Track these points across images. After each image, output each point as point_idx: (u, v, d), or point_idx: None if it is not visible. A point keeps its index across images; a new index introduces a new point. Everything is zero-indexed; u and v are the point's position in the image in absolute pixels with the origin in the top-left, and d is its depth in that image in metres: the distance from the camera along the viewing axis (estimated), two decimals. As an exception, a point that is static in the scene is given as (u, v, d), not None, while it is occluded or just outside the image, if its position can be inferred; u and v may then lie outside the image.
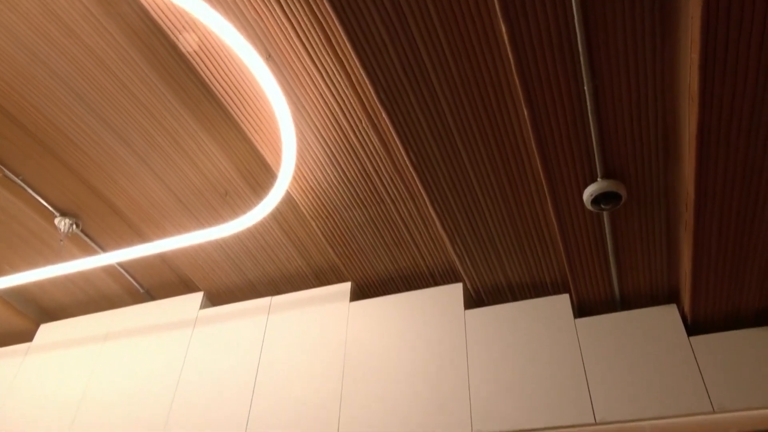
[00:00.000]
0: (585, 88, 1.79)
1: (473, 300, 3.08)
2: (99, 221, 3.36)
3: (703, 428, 2.33)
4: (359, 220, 2.90)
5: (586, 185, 2.11)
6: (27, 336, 4.14)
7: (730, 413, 2.20)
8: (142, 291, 3.81)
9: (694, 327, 2.46)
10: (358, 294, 3.29)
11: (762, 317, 2.38)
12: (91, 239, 3.46)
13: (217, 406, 3.01)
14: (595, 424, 2.33)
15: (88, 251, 3.53)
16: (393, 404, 2.68)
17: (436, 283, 3.21)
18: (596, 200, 2.11)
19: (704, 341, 2.38)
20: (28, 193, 3.19)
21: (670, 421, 2.27)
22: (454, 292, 2.96)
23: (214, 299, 3.67)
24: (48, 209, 3.28)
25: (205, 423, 2.97)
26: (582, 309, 2.73)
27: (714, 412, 2.20)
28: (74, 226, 3.33)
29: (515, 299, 3.04)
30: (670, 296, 2.58)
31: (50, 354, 3.75)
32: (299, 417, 2.81)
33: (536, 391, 2.48)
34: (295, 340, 3.10)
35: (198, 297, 3.58)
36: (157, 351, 3.40)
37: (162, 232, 3.30)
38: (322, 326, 3.09)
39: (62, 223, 3.30)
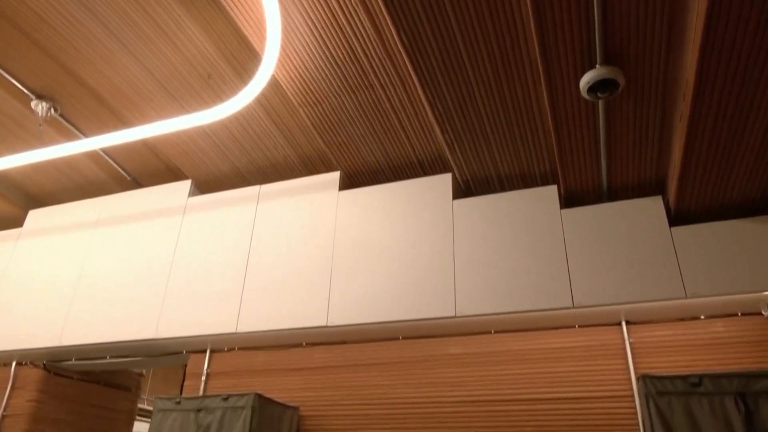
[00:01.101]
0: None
1: (461, 190, 3.09)
2: (78, 106, 3.24)
3: (675, 313, 2.46)
4: (348, 106, 2.81)
5: (584, 71, 2.03)
6: (16, 222, 4.15)
7: (701, 298, 2.31)
8: (129, 178, 3.78)
9: (677, 218, 2.51)
10: (347, 183, 3.29)
11: (743, 209, 2.42)
12: (72, 124, 3.36)
13: (211, 288, 3.11)
14: (573, 308, 2.45)
15: (69, 136, 3.44)
16: (381, 289, 2.78)
17: (425, 173, 3.20)
18: (593, 88, 2.04)
19: (685, 232, 2.44)
20: (1, 74, 3.03)
21: (643, 305, 2.39)
22: (443, 182, 2.96)
23: (202, 187, 3.66)
24: (23, 92, 3.14)
25: (200, 303, 3.09)
26: (569, 200, 2.76)
27: (686, 297, 2.30)
28: (52, 110, 3.21)
29: (503, 190, 3.05)
30: (657, 188, 2.60)
31: (42, 239, 3.78)
32: (290, 299, 2.92)
33: (519, 278, 2.58)
34: (284, 228, 3.14)
35: (186, 185, 3.56)
36: (148, 237, 3.44)
37: (144, 117, 3.20)
38: (311, 214, 3.12)
39: (39, 107, 3.18)
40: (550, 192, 2.74)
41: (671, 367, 2.42)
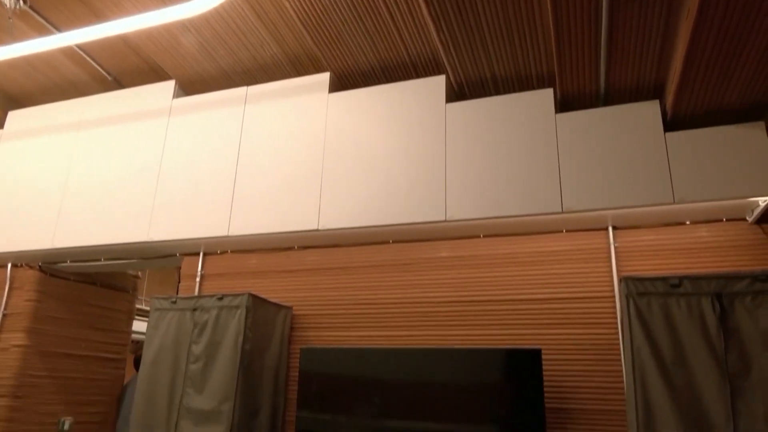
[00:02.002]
0: None
1: (455, 93, 3.01)
2: (49, -3, 3.02)
3: (661, 218, 2.50)
4: (338, 1, 2.65)
5: (589, -37, 1.89)
6: (-3, 123, 4.03)
7: (688, 204, 2.33)
8: (110, 78, 3.63)
9: (672, 123, 2.47)
10: (337, 85, 3.18)
11: (740, 115, 2.38)
12: (43, 17, 3.16)
13: (201, 192, 3.10)
14: (562, 213, 2.47)
15: (41, 31, 3.25)
16: (372, 193, 2.77)
17: (417, 75, 3.09)
18: (598, -18, 1.92)
19: (680, 137, 2.41)
20: (-41, -41, 2.80)
21: (631, 210, 2.41)
22: (436, 84, 2.86)
23: (187, 88, 3.53)
24: (-13, -20, 2.92)
25: (191, 206, 3.08)
26: (564, 104, 2.69)
27: (674, 203, 2.32)
28: (21, 2, 3.00)
29: (498, 93, 2.97)
30: (655, 92, 2.53)
31: (24, 142, 3.70)
32: (280, 203, 2.92)
33: (510, 183, 2.57)
34: (273, 131, 3.07)
35: (170, 86, 3.43)
36: (134, 139, 3.37)
37: (121, 11, 3.01)
38: (300, 117, 3.04)
39: (7, -2, 2.97)
40: (546, 95, 2.67)
41: (653, 270, 2.49)
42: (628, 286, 2.08)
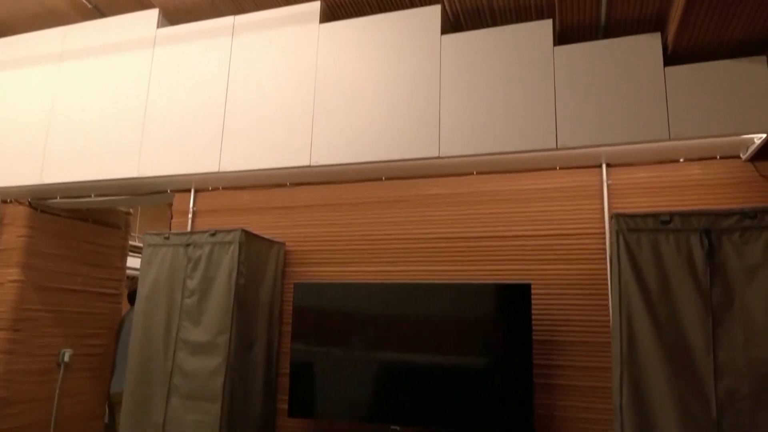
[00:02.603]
0: None
1: (450, 24, 2.90)
2: None
3: (655, 155, 2.48)
4: None
5: None
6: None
7: (683, 141, 2.31)
8: (90, 6, 3.46)
9: (673, 57, 2.40)
10: (328, 15, 3.05)
11: (742, 49, 2.32)
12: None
13: (190, 126, 3.03)
14: (556, 149, 2.44)
15: (15, -45, 3.06)
16: (364, 128, 2.73)
17: (412, 5, 2.97)
18: None
19: (679, 71, 2.35)
20: None
21: (626, 147, 2.39)
22: (431, 15, 2.75)
23: (171, 18, 3.38)
24: None
25: (180, 141, 3.03)
26: (563, 36, 2.61)
27: (669, 139, 2.30)
28: None
29: (495, 24, 2.87)
30: (657, 24, 2.45)
31: (4, 74, 3.57)
32: (272, 138, 2.87)
33: (505, 119, 2.53)
34: (263, 63, 2.97)
35: (153, 14, 3.28)
36: (119, 71, 3.26)
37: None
38: (290, 49, 2.94)
39: None
40: (544, 27, 2.58)
41: (645, 208, 2.51)
42: (619, 223, 2.10)
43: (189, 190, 3.29)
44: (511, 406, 2.31)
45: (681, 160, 2.51)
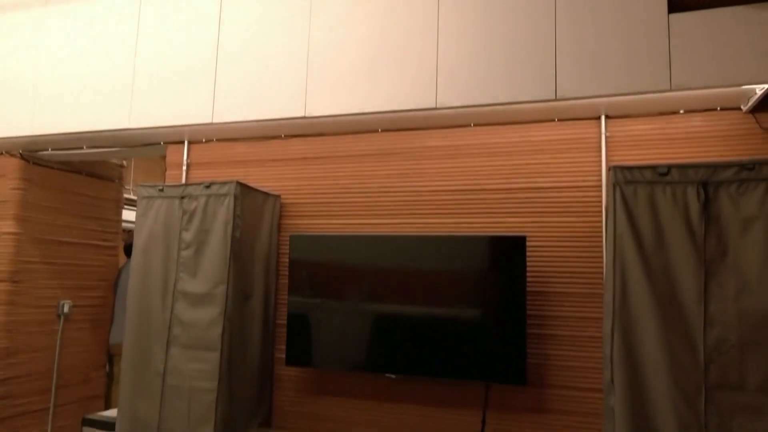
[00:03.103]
0: None
1: (450, -31, 2.79)
2: None
3: (655, 107, 2.45)
4: None
5: None
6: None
7: (684, 92, 2.27)
8: (73, -52, 3.31)
9: (677, 3, 2.32)
10: (322, -41, 2.93)
11: (750, -4, 2.25)
12: None
13: (181, 77, 2.96)
14: (555, 100, 2.40)
15: None
16: (360, 78, 2.66)
17: (410, -52, 2.85)
18: None
19: (683, 18, 2.28)
20: None
21: (625, 98, 2.35)
22: (430, -42, 2.65)
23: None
24: None
25: (171, 92, 2.97)
26: (565, -18, 2.52)
27: (671, 90, 2.26)
28: None
29: (496, -30, 2.76)
30: (663, -31, 2.36)
31: (-12, 20, 3.45)
32: (264, 89, 2.81)
33: (505, 67, 2.47)
34: (252, 11, 2.88)
35: (140, -43, 3.15)
36: (108, 17, 3.15)
37: None
38: (283, -5, 2.84)
39: None
40: (547, -28, 2.48)
41: (643, 160, 2.49)
42: (616, 175, 2.08)
43: (182, 142, 3.25)
44: (503, 356, 2.36)
45: (681, 111, 2.47)
